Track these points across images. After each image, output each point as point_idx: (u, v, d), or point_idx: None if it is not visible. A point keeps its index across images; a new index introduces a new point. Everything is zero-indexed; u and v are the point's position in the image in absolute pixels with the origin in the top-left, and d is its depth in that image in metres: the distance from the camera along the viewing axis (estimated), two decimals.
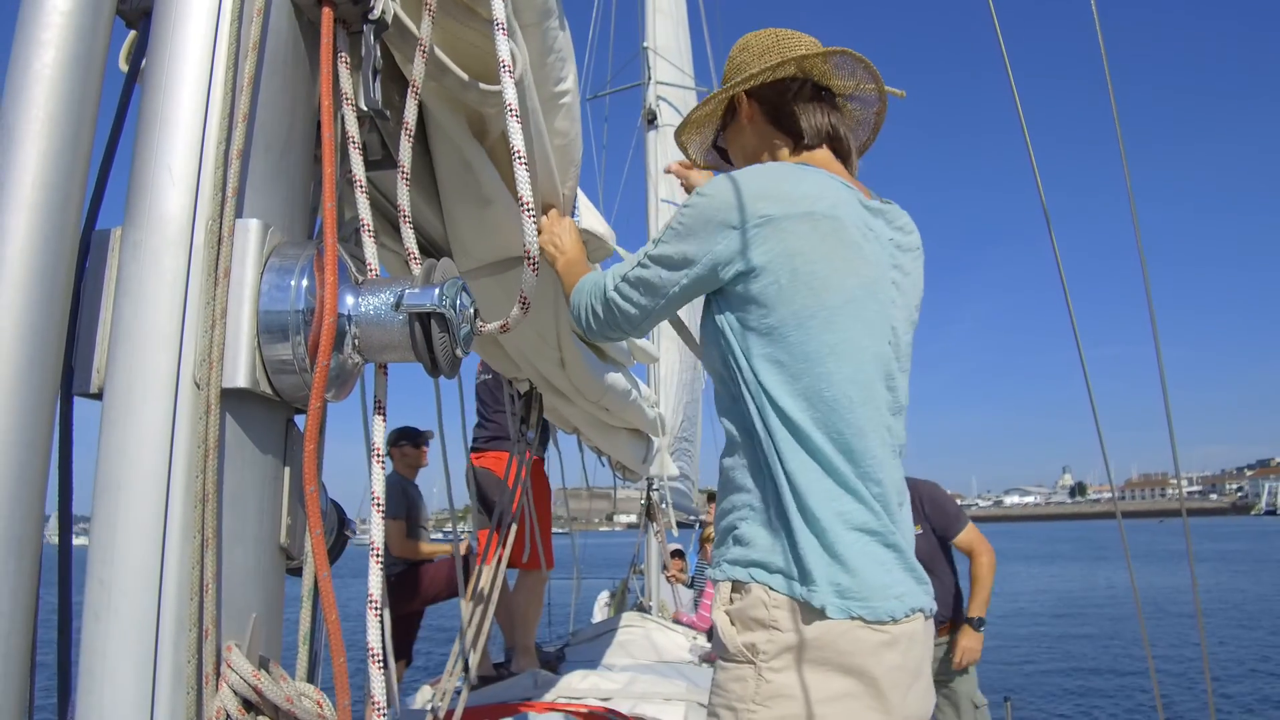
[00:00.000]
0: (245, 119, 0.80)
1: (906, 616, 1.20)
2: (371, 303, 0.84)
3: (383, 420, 0.90)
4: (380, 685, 0.79)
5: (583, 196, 1.85)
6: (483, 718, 2.72)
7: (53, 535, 0.90)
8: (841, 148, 1.45)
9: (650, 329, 1.52)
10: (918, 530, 3.48)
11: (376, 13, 0.93)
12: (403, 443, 4.69)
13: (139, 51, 0.87)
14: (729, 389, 1.30)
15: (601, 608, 8.11)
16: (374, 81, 0.94)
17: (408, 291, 0.84)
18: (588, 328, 1.47)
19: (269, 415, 0.82)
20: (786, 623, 1.16)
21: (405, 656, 4.54)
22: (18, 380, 0.67)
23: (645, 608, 6.30)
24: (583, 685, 3.15)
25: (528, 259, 1.02)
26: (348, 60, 0.92)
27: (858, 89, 1.49)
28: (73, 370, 0.77)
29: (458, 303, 0.87)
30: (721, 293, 1.30)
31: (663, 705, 2.97)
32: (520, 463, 2.60)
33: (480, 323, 0.98)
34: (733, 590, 1.24)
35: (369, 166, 1.06)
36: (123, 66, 0.93)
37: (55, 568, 0.80)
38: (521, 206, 1.00)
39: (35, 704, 0.71)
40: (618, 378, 2.75)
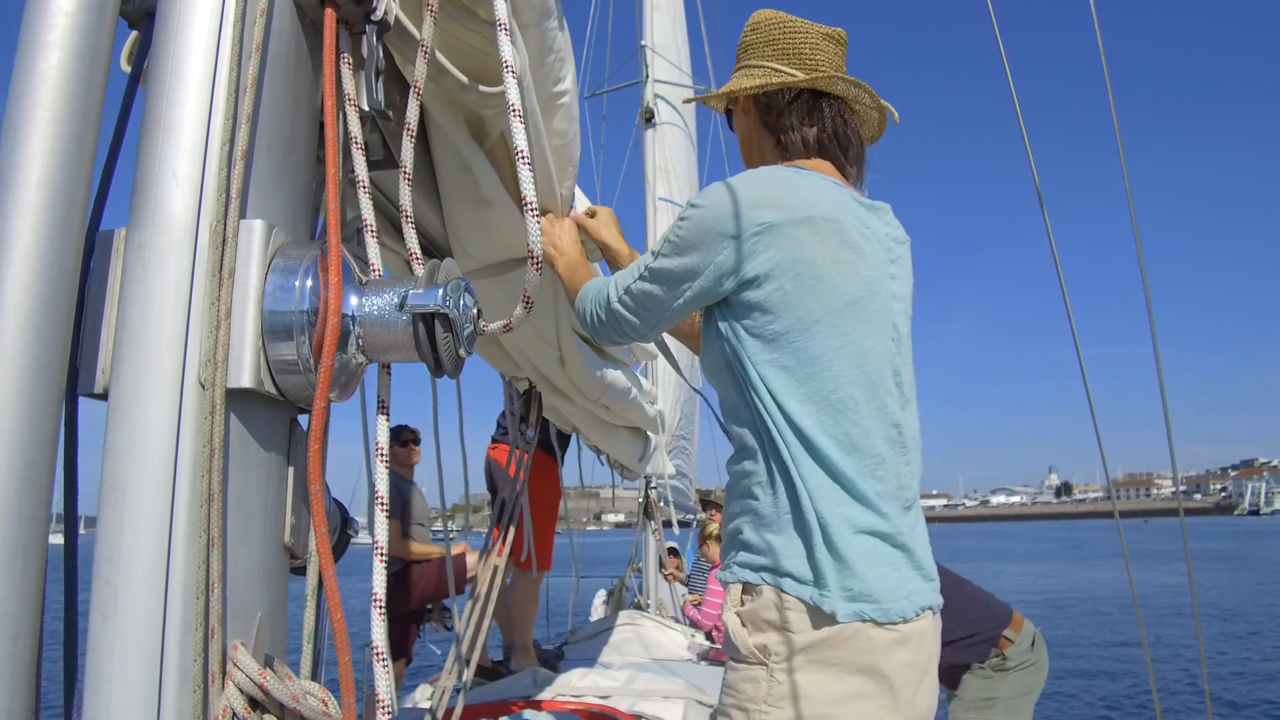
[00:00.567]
0: (249, 120, 0.80)
1: (917, 615, 1.21)
2: (376, 303, 0.85)
3: (386, 420, 0.90)
4: (385, 683, 0.79)
5: (580, 195, 1.85)
6: (482, 716, 2.73)
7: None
8: (839, 154, 1.42)
9: (658, 337, 1.51)
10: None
11: (379, 13, 0.93)
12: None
13: (141, 52, 0.87)
14: (733, 395, 1.30)
15: (599, 606, 8.11)
16: (376, 82, 0.94)
17: (411, 292, 0.85)
18: (594, 333, 1.47)
19: (273, 415, 0.83)
20: (798, 624, 1.17)
21: (405, 655, 4.54)
22: (23, 381, 0.67)
23: (643, 606, 6.30)
24: (582, 683, 3.16)
25: (531, 258, 1.02)
26: (350, 61, 0.92)
27: (856, 101, 1.48)
28: (78, 371, 0.77)
29: (461, 303, 0.87)
30: (724, 300, 1.30)
31: (662, 703, 2.97)
32: (520, 464, 2.60)
33: (483, 323, 0.98)
34: (744, 592, 1.24)
35: (370, 167, 1.06)
36: (125, 67, 0.93)
37: (61, 567, 0.80)
38: (525, 206, 1.00)
39: (42, 703, 0.71)
40: (617, 375, 2.74)
